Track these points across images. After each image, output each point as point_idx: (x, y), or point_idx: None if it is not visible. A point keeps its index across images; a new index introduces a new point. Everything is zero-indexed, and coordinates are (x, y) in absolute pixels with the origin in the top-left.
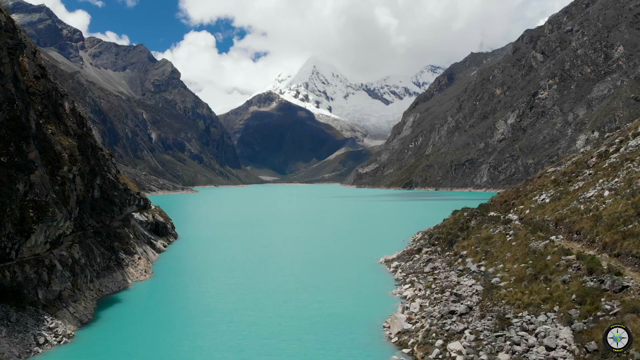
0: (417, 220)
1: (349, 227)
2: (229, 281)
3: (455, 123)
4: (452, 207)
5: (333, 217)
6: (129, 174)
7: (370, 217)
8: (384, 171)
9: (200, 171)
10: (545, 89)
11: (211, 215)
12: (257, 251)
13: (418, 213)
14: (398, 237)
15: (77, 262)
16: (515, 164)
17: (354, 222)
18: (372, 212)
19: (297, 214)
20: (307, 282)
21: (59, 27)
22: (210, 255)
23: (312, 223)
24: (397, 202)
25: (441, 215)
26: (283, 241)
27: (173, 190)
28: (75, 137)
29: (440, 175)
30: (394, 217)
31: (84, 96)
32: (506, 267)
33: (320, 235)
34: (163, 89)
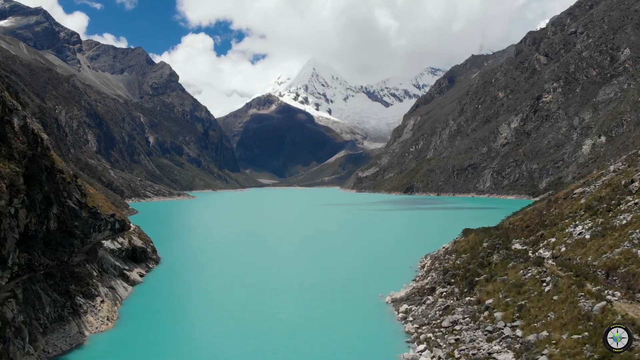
0: (424, 236)
1: (349, 245)
2: (209, 326)
3: (457, 127)
4: (459, 218)
5: (332, 232)
6: (123, 179)
7: (372, 232)
8: (384, 175)
9: (199, 175)
10: (549, 92)
11: (201, 227)
12: (244, 280)
13: (424, 225)
14: (404, 261)
15: (10, 324)
16: (519, 169)
17: (354, 237)
18: (373, 225)
19: (293, 226)
20: (300, 335)
21: (56, 30)
22: (191, 287)
23: (309, 239)
24: (399, 212)
25: (450, 229)
26: (276, 265)
27: (169, 196)
28: (23, 161)
29: (442, 180)
30: (398, 232)
31: (80, 100)
32: (553, 336)
33: (317, 256)
34: (161, 92)
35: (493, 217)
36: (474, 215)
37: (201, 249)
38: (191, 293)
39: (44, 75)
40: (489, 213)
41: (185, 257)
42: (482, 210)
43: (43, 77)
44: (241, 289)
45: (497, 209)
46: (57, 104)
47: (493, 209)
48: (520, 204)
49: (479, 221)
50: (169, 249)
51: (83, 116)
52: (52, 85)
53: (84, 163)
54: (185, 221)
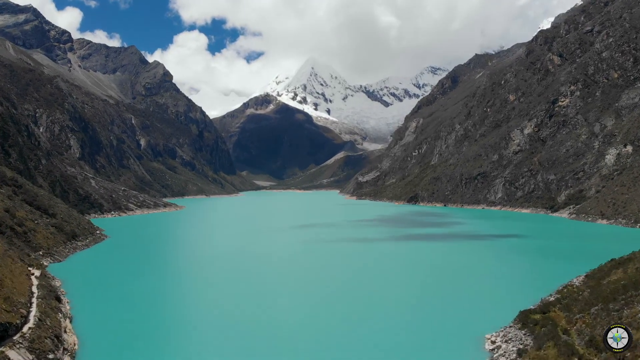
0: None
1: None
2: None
3: (463, 131)
4: (496, 252)
5: (334, 272)
6: (105, 189)
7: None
8: (385, 180)
9: (192, 179)
10: (566, 96)
11: (155, 267)
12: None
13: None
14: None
15: None
16: (534, 180)
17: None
18: (391, 273)
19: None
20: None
21: (46, 28)
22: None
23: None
24: (421, 246)
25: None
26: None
27: (154, 207)
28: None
29: (449, 190)
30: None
31: (63, 102)
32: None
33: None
34: (154, 93)
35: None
36: (511, 245)
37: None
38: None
39: (25, 77)
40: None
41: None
42: (502, 224)
43: (25, 78)
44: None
45: (546, 230)
46: (38, 107)
47: (543, 230)
48: (542, 219)
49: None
50: (83, 303)
51: (66, 120)
52: (33, 87)
53: (59, 174)
54: (156, 254)
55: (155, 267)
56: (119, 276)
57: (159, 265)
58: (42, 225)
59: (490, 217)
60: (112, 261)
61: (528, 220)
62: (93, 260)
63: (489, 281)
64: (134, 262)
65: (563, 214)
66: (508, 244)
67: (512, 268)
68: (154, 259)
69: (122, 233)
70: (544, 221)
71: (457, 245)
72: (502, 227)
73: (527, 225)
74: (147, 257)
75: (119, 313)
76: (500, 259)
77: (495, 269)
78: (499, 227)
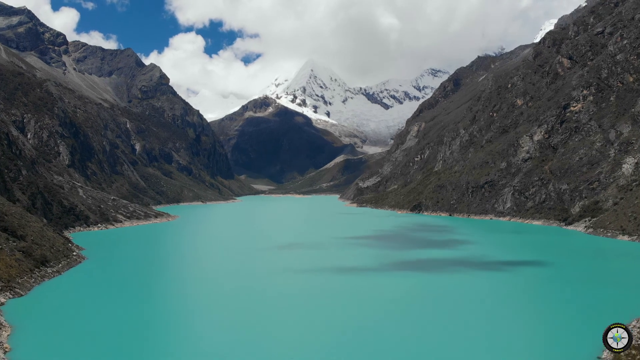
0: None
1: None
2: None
3: (469, 137)
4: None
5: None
6: (93, 199)
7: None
8: (386, 186)
9: (187, 185)
10: (578, 101)
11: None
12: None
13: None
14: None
15: None
16: (545, 189)
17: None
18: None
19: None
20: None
21: (40, 31)
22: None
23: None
24: (425, 281)
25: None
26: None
27: (144, 218)
28: None
29: (455, 199)
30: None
31: (53, 107)
32: None
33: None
34: (151, 96)
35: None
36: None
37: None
38: None
39: (14, 80)
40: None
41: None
42: (534, 243)
43: (13, 82)
44: None
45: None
46: (26, 112)
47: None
48: (556, 233)
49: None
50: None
51: (55, 125)
52: (22, 91)
53: (43, 185)
54: (130, 282)
55: (126, 301)
56: (85, 314)
57: (129, 299)
58: (7, 251)
59: (501, 231)
60: (81, 293)
61: (542, 234)
62: (60, 292)
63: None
64: (105, 293)
65: (578, 228)
66: (536, 274)
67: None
68: (126, 290)
69: (103, 252)
70: (560, 235)
71: (471, 278)
72: (519, 247)
73: (544, 242)
74: (120, 287)
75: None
76: (538, 304)
77: (535, 330)
78: (516, 247)
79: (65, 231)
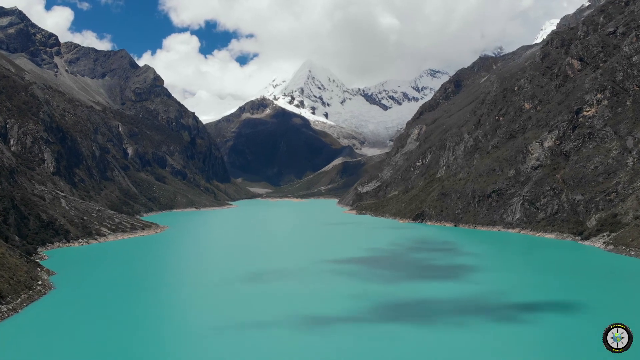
0: None
1: None
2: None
3: (473, 142)
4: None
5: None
6: (76, 210)
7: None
8: (387, 191)
9: (181, 190)
10: (591, 105)
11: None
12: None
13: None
14: None
15: None
16: (558, 200)
17: None
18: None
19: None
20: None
21: (31, 32)
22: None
23: None
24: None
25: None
26: None
27: (130, 231)
28: None
29: (460, 208)
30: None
31: (38, 112)
32: None
33: None
34: (144, 98)
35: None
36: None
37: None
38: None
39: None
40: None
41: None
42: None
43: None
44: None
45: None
46: (9, 117)
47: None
48: (573, 249)
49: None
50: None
51: (40, 130)
52: (6, 95)
53: (20, 197)
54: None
55: (85, 351)
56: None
57: (90, 347)
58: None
59: (512, 246)
60: (36, 339)
61: (558, 250)
62: (12, 342)
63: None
64: (66, 339)
65: (596, 243)
66: (570, 325)
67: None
68: (88, 335)
69: (75, 277)
70: (577, 252)
71: (483, 337)
72: (538, 274)
73: (565, 263)
74: (82, 332)
75: None
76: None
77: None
78: (535, 275)
79: (42, 248)
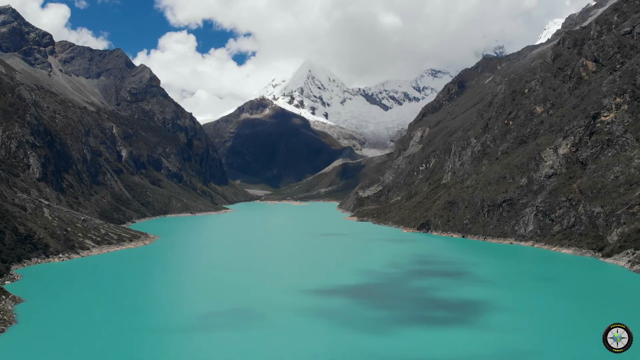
0: None
1: None
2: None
3: (481, 147)
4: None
5: None
6: (60, 221)
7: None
8: (389, 196)
9: (176, 194)
10: (610, 110)
11: None
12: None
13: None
14: None
15: None
16: (575, 212)
17: None
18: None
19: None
20: None
21: (25, 30)
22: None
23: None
24: None
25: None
26: None
27: (116, 243)
28: None
29: (468, 218)
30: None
31: (24, 114)
32: None
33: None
34: (140, 98)
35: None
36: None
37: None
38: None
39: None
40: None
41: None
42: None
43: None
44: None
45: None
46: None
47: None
48: (594, 267)
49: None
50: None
51: (26, 134)
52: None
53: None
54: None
55: None
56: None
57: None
58: None
59: (530, 264)
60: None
61: (580, 269)
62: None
63: None
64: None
65: (619, 262)
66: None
67: None
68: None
69: (45, 306)
70: (601, 272)
71: None
72: (573, 310)
73: (595, 288)
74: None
75: None
76: None
77: None
78: (570, 312)
79: (17, 265)
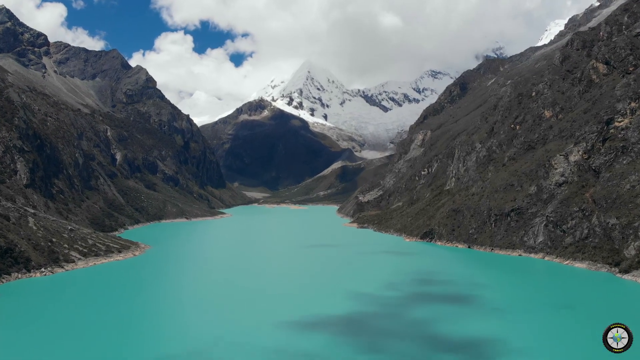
0: None
1: None
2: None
3: (486, 152)
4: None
5: None
6: (45, 231)
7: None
8: (390, 201)
9: (172, 199)
10: (624, 115)
11: None
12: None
13: None
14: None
15: None
16: (588, 223)
17: None
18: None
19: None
20: None
21: (19, 31)
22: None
23: None
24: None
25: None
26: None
27: (104, 255)
28: None
29: (474, 228)
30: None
31: (12, 118)
32: None
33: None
34: (136, 100)
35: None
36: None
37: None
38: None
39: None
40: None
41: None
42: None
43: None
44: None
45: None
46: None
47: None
48: (612, 284)
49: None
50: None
51: (14, 138)
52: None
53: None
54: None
55: None
56: None
57: None
58: None
59: (544, 282)
60: None
61: (598, 287)
62: None
63: None
64: None
65: (639, 278)
66: None
67: None
68: None
69: (13, 337)
70: (621, 290)
71: None
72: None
73: (622, 314)
74: None
75: None
76: None
77: None
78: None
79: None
